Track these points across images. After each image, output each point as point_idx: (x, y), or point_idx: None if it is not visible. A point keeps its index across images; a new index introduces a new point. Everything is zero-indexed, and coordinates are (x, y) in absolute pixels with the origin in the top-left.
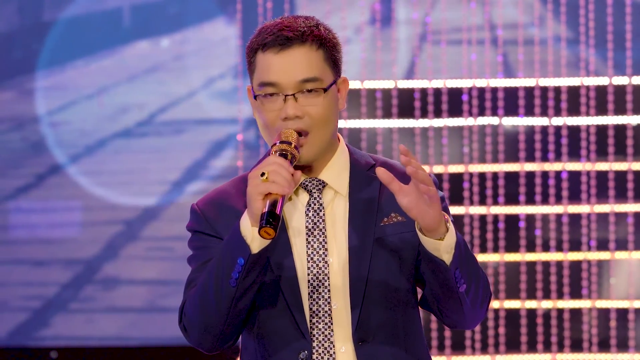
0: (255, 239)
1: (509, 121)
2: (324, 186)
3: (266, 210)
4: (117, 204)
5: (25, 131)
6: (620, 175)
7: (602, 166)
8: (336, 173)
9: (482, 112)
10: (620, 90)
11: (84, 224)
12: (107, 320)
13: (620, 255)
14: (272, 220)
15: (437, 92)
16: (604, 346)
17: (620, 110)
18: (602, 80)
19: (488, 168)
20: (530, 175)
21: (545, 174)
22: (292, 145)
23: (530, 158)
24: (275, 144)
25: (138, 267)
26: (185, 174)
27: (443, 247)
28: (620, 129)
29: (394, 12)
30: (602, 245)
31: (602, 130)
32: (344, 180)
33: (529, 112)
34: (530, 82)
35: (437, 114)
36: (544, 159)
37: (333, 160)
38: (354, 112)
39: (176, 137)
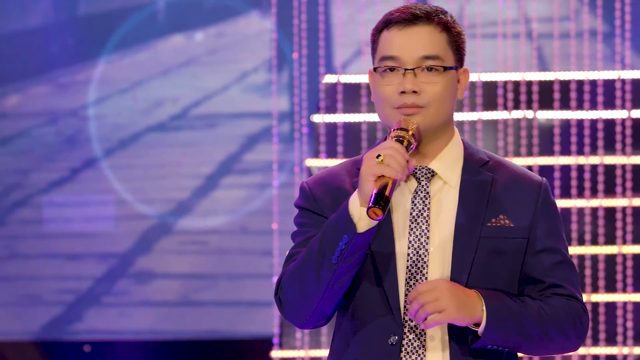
0: (362, 219)
1: (544, 114)
2: (432, 175)
3: (376, 191)
4: (150, 198)
5: (60, 125)
6: None
7: (638, 160)
8: (448, 164)
9: (517, 106)
10: None
11: (117, 217)
12: (140, 314)
13: None
14: (382, 201)
15: (472, 85)
16: (639, 340)
17: None
18: (638, 74)
19: (523, 162)
20: (566, 168)
21: (580, 168)
22: (410, 133)
23: (566, 152)
24: (393, 130)
25: (171, 261)
26: (219, 168)
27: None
28: None
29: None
30: (638, 239)
31: (638, 123)
32: (455, 172)
33: (565, 105)
34: (565, 75)
35: (472, 107)
36: (580, 152)
37: (446, 150)
38: None
39: (210, 131)
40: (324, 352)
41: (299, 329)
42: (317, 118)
